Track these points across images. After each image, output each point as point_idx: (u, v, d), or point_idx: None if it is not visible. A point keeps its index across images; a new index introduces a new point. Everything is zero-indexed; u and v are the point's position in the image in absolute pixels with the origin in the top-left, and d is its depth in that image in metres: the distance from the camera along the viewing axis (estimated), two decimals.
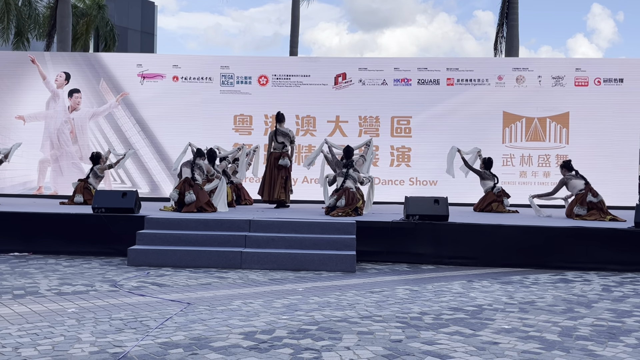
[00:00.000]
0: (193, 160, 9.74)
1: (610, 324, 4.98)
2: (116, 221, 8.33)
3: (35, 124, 13.82)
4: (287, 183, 10.71)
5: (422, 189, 13.32)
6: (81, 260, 7.88)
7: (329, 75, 13.75)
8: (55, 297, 5.57)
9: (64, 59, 14.17)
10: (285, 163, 10.66)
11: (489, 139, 13.37)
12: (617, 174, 13.07)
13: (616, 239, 7.91)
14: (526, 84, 13.57)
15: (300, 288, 6.26)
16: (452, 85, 13.63)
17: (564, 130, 13.47)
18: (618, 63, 13.76)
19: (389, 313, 5.19)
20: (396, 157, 13.67)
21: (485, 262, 7.97)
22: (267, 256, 7.45)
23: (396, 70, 13.69)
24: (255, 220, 8.13)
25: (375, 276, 7.10)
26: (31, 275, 6.70)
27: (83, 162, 13.52)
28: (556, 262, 7.86)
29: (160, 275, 6.84)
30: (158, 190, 13.62)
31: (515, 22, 19.15)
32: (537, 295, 6.10)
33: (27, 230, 8.36)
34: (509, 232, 8.11)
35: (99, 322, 4.70)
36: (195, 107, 13.65)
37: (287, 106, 13.57)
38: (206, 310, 5.17)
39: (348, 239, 7.77)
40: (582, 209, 9.44)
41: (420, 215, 8.26)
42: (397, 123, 13.71)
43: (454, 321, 4.94)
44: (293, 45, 21.64)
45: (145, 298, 5.61)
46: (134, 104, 13.83)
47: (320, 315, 5.07)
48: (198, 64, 13.96)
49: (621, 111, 13.35)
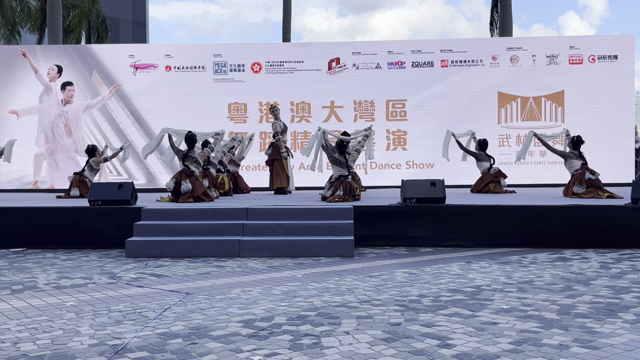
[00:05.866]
0: (185, 154, 9.58)
1: (608, 300, 4.99)
2: (113, 213, 8.31)
3: (29, 118, 13.77)
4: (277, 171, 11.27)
5: (419, 171, 13.32)
6: (79, 253, 7.87)
7: (323, 60, 13.69)
8: (54, 291, 5.57)
9: (56, 52, 14.08)
10: (266, 152, 11.59)
11: (485, 120, 13.36)
12: (613, 150, 13.08)
13: (614, 215, 7.92)
14: (520, 64, 13.53)
15: (299, 274, 6.26)
16: (446, 67, 13.59)
17: (560, 109, 13.45)
18: (612, 40, 13.71)
19: (387, 297, 5.19)
20: (392, 141, 13.65)
21: (484, 243, 7.98)
22: (265, 244, 7.45)
23: (390, 53, 13.63)
24: (252, 208, 8.12)
25: (374, 260, 7.10)
26: (29, 269, 6.70)
27: (78, 155, 13.48)
28: (554, 240, 7.88)
29: (158, 266, 6.84)
30: (154, 181, 13.60)
31: (508, 2, 19.06)
32: (535, 275, 6.11)
33: (25, 225, 8.33)
34: (506, 212, 8.10)
35: (97, 314, 4.70)
36: (189, 96, 13.59)
37: (281, 93, 13.57)
38: (205, 299, 5.17)
39: (346, 224, 7.77)
40: (581, 187, 9.44)
41: (417, 199, 8.25)
42: (392, 107, 13.67)
43: (452, 302, 4.95)
44: (286, 31, 21.51)
45: (143, 289, 5.61)
46: (128, 95, 13.76)
47: (319, 301, 5.07)
48: (190, 53, 13.89)
49: (616, 88, 13.34)
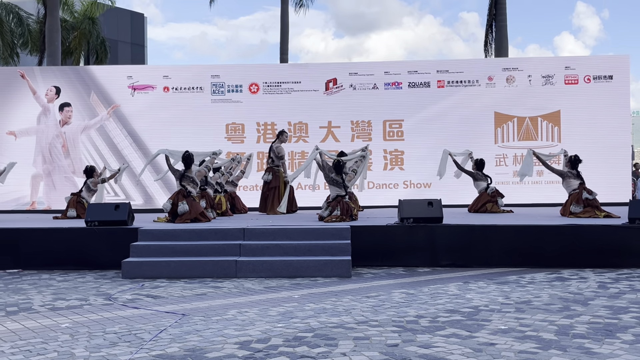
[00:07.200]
0: (182, 173, 9.59)
1: (606, 321, 4.97)
2: (110, 234, 8.27)
3: (26, 139, 13.77)
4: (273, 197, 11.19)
5: (417, 191, 13.32)
6: (75, 274, 7.83)
7: (320, 81, 13.76)
8: (49, 313, 5.53)
9: (54, 73, 14.14)
10: (265, 178, 11.38)
11: (481, 140, 13.40)
12: (609, 170, 13.10)
13: (611, 235, 7.91)
14: (516, 84, 13.61)
15: (296, 295, 6.23)
16: (442, 87, 13.66)
17: (556, 129, 13.50)
18: (607, 60, 13.81)
19: (385, 317, 5.16)
20: (389, 161, 13.67)
21: (481, 262, 7.95)
22: (262, 264, 7.42)
23: (386, 74, 13.71)
24: (249, 228, 8.10)
25: (371, 280, 7.07)
26: (25, 291, 6.65)
27: (76, 175, 13.47)
28: (552, 260, 7.85)
29: (155, 287, 6.80)
30: (152, 202, 13.58)
31: (503, 23, 19.24)
32: (533, 295, 6.08)
33: (21, 246, 8.28)
34: (504, 232, 8.09)
35: (92, 336, 4.67)
36: (187, 117, 13.62)
37: (278, 113, 13.62)
38: (201, 320, 5.13)
39: (343, 244, 7.75)
40: (578, 207, 9.45)
41: (414, 218, 8.24)
42: (390, 127, 13.72)
43: (450, 323, 4.92)
44: (283, 52, 21.64)
45: (139, 310, 5.57)
46: (126, 116, 13.80)
47: (316, 321, 5.04)
48: (188, 74, 13.95)
49: (612, 107, 13.40)
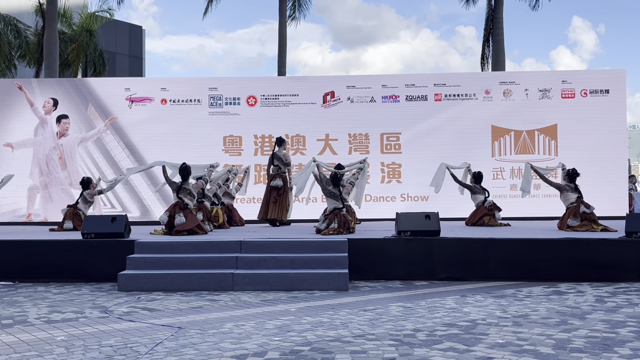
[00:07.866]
0: (179, 186, 9.58)
1: (604, 335, 4.95)
2: (106, 246, 8.24)
3: (23, 150, 13.75)
4: (282, 202, 11.22)
5: (414, 204, 13.31)
6: (71, 287, 7.79)
7: (318, 94, 13.80)
8: (44, 326, 5.50)
9: (52, 85, 14.16)
10: (276, 184, 11.26)
11: (479, 153, 13.42)
12: (606, 184, 13.12)
13: (609, 249, 7.91)
14: (513, 98, 13.66)
15: (293, 308, 6.21)
16: (439, 100, 13.71)
17: (553, 143, 13.54)
18: (603, 74, 13.90)
19: (382, 331, 5.14)
20: (387, 174, 13.68)
21: (479, 276, 7.94)
22: (259, 277, 7.39)
23: (384, 87, 13.76)
24: (246, 241, 8.08)
25: (368, 294, 7.05)
26: (20, 303, 6.61)
27: (73, 188, 13.44)
28: (549, 274, 7.85)
29: (151, 300, 6.77)
30: (148, 214, 13.54)
31: (500, 37, 19.36)
32: (530, 309, 6.07)
33: (16, 258, 8.24)
34: (501, 245, 8.08)
35: (88, 349, 4.63)
36: (185, 129, 13.63)
37: (276, 126, 13.63)
38: (197, 334, 5.10)
39: (340, 257, 7.73)
40: (575, 220, 9.46)
41: (411, 231, 8.23)
42: (387, 140, 13.74)
43: (447, 337, 4.91)
44: (281, 65, 21.71)
45: (135, 323, 5.54)
46: (123, 128, 13.80)
47: (313, 335, 5.02)
48: (186, 86, 13.98)
49: (608, 121, 13.46)
